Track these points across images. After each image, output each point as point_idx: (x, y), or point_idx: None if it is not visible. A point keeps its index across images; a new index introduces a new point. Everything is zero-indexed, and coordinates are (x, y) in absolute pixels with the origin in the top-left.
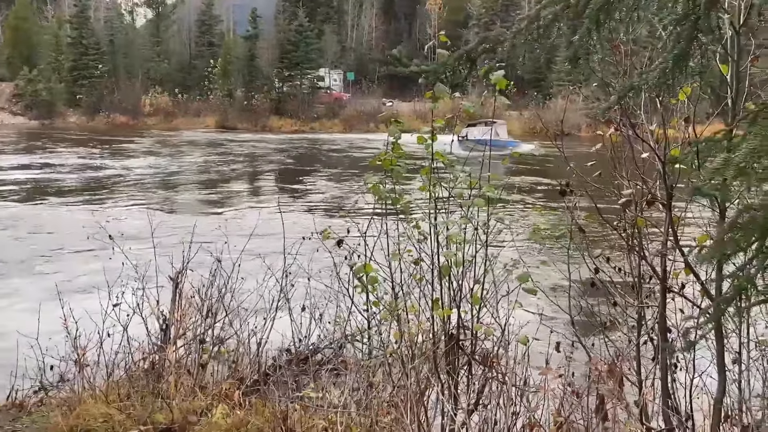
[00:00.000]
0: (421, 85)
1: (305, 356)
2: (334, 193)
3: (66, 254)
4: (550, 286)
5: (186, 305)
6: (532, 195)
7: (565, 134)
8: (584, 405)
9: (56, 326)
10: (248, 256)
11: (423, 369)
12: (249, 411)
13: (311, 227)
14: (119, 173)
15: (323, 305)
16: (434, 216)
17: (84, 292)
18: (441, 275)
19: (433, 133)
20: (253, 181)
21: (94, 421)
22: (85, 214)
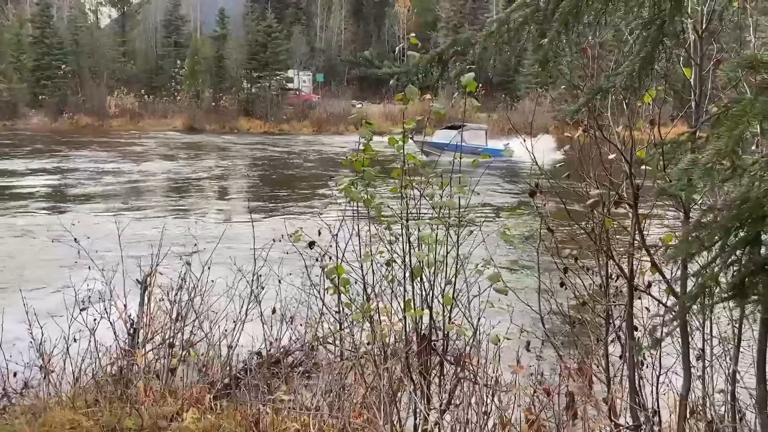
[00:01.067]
0: (392, 87)
1: (276, 359)
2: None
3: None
4: (521, 286)
5: (155, 308)
6: (503, 196)
7: (533, 136)
8: (555, 403)
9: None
10: (219, 259)
11: (395, 370)
12: (220, 415)
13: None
14: (140, 178)
15: (294, 307)
16: (406, 217)
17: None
18: (413, 276)
19: (405, 135)
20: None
21: (61, 428)
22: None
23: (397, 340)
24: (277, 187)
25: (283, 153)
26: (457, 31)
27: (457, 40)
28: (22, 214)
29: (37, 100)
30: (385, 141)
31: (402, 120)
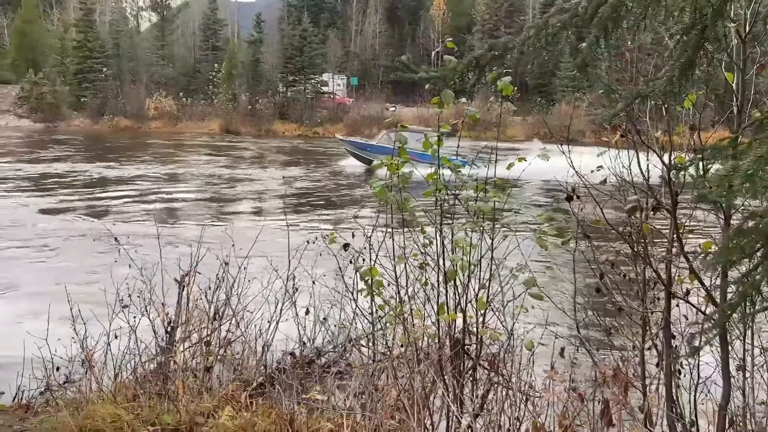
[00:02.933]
0: (427, 90)
1: (310, 359)
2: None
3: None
4: (556, 291)
5: (192, 308)
6: (540, 200)
7: (569, 140)
8: (589, 410)
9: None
10: (255, 260)
11: (428, 373)
12: (255, 413)
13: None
14: (265, 188)
15: (327, 309)
16: (440, 220)
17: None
18: (446, 279)
19: (440, 138)
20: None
21: (103, 421)
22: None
23: (430, 344)
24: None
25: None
26: (493, 35)
27: (495, 45)
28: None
29: (78, 103)
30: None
31: (437, 123)
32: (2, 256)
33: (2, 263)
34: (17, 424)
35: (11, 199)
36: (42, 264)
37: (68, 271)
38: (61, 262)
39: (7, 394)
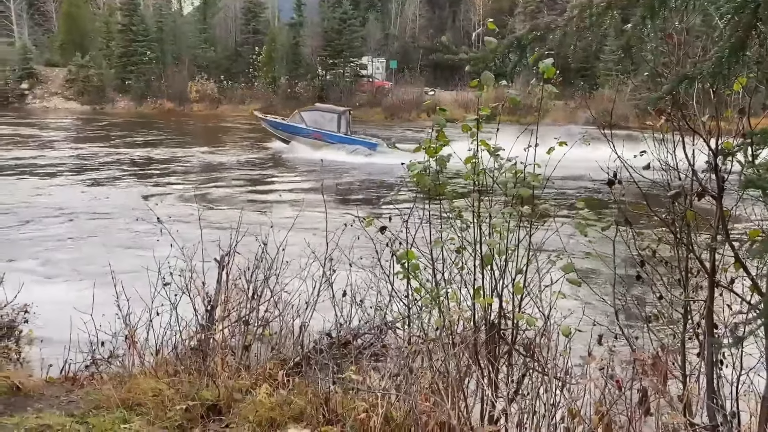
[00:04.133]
0: (467, 73)
1: (346, 341)
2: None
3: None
4: (595, 277)
5: (231, 287)
6: (579, 185)
7: (612, 125)
8: (626, 398)
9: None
10: (293, 241)
11: (463, 356)
12: (292, 391)
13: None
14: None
15: (364, 291)
16: (477, 205)
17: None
18: (483, 264)
19: (479, 122)
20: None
21: (145, 395)
22: None
23: (466, 328)
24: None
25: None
26: (535, 17)
27: (537, 25)
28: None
29: (123, 86)
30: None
31: (477, 107)
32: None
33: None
34: (64, 395)
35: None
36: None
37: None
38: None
39: (55, 367)
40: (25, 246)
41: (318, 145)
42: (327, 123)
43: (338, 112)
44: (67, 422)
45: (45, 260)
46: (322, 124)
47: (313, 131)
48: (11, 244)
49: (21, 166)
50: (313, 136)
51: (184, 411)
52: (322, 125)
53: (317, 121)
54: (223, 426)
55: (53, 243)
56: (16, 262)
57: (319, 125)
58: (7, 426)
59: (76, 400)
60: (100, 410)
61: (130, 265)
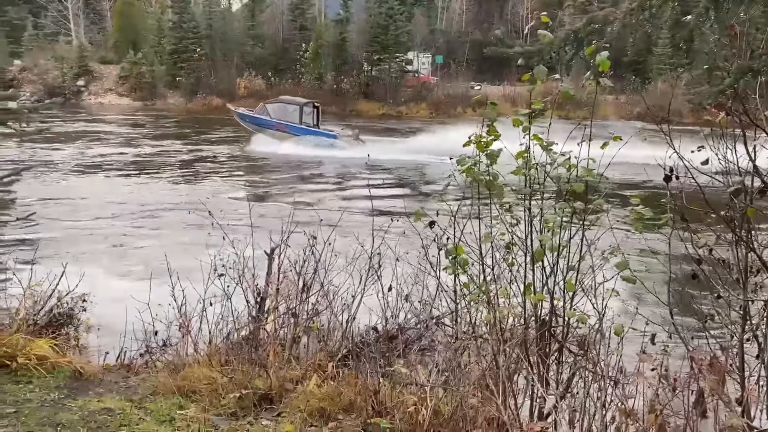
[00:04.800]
0: (515, 67)
1: (392, 335)
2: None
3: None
4: (649, 275)
5: (281, 279)
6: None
7: (666, 120)
8: (683, 398)
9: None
10: (342, 237)
11: (513, 353)
12: (341, 383)
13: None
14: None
15: (410, 286)
16: (529, 199)
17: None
18: (534, 260)
19: (531, 115)
20: None
21: (199, 382)
22: None
23: (515, 324)
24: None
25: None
26: (585, 10)
27: (594, 18)
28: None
29: (174, 82)
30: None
31: (529, 101)
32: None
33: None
34: (122, 381)
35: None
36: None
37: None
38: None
39: (111, 354)
40: (97, 240)
41: (282, 137)
42: (290, 115)
43: (300, 104)
44: (127, 406)
45: (113, 253)
46: (286, 115)
47: (276, 123)
48: (87, 237)
49: (107, 163)
50: (277, 127)
51: (237, 399)
52: (286, 117)
53: (281, 113)
54: (274, 415)
55: (123, 237)
56: (86, 255)
57: (282, 117)
58: (72, 408)
59: (133, 386)
60: (156, 396)
61: (191, 257)
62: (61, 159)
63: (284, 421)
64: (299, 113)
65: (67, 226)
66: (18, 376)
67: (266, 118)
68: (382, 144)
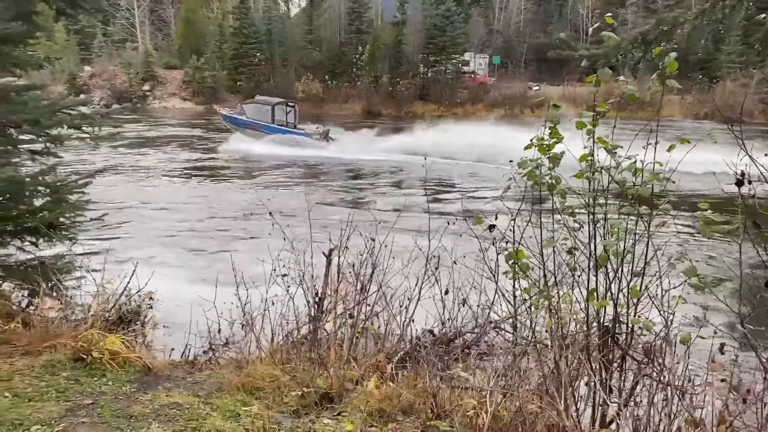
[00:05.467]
0: (575, 68)
1: (450, 338)
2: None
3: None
4: (718, 283)
5: (339, 280)
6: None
7: (736, 120)
8: (756, 410)
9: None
10: (398, 239)
11: (575, 359)
12: (400, 384)
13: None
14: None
15: (468, 289)
16: (592, 203)
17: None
18: (597, 265)
19: (596, 117)
20: None
21: (262, 380)
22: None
23: (576, 330)
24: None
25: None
26: (649, 8)
27: (663, 19)
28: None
29: (234, 86)
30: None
31: (589, 101)
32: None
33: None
34: (188, 376)
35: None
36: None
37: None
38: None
39: (176, 351)
40: (170, 241)
41: (256, 135)
42: (263, 114)
43: (271, 104)
44: (194, 402)
45: (182, 254)
46: (260, 115)
47: (251, 122)
48: (160, 239)
49: (197, 168)
50: (251, 126)
51: (299, 397)
52: (260, 117)
53: (256, 112)
54: (335, 414)
55: (195, 240)
56: (156, 255)
57: (256, 117)
58: (144, 401)
59: (199, 381)
60: (221, 392)
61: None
62: (133, 162)
63: (345, 420)
64: (271, 113)
65: (142, 227)
66: (93, 369)
67: (242, 117)
68: (357, 143)
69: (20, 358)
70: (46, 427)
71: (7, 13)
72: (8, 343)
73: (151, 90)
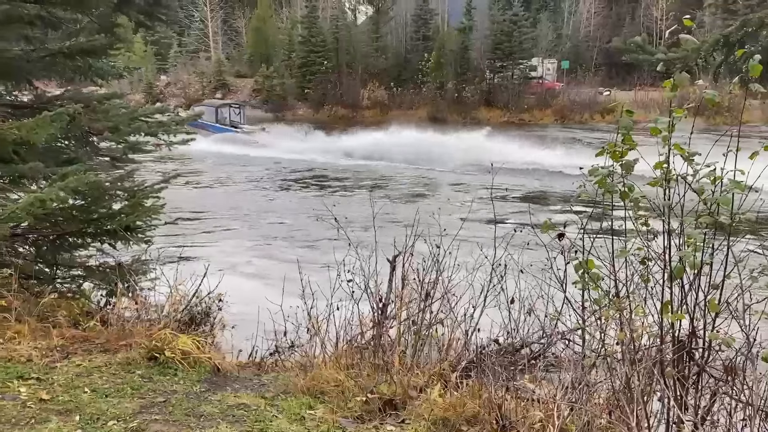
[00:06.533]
0: (647, 72)
1: (515, 348)
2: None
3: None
4: None
5: (403, 286)
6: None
7: None
8: None
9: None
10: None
11: (648, 374)
12: (464, 393)
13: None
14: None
15: (534, 298)
16: (668, 213)
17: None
18: (672, 277)
19: (671, 124)
20: None
21: (327, 384)
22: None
23: (649, 344)
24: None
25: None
26: (729, 9)
27: (748, 21)
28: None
29: (302, 94)
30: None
31: (663, 106)
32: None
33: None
34: (255, 378)
35: None
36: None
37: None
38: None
39: (243, 352)
40: (246, 246)
41: (206, 135)
42: (210, 115)
43: (215, 105)
44: (261, 403)
45: (258, 258)
46: (209, 116)
47: (202, 123)
48: (236, 242)
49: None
50: (202, 126)
51: (363, 402)
52: (208, 117)
53: (207, 113)
54: (399, 421)
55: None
56: (230, 258)
57: (206, 118)
58: (213, 401)
59: (266, 383)
60: (287, 395)
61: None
62: (208, 169)
63: (408, 428)
64: (215, 113)
65: (216, 228)
66: (165, 368)
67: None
68: (288, 143)
69: (99, 354)
70: (122, 422)
71: (91, 26)
72: (88, 340)
73: (223, 98)
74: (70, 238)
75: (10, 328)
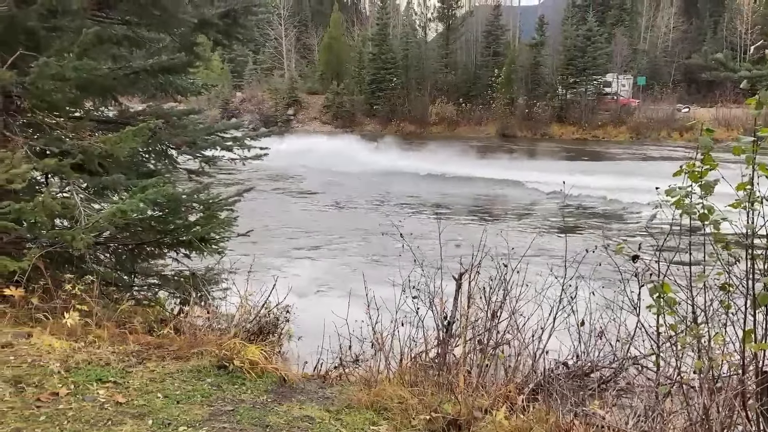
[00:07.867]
0: (728, 89)
1: (585, 372)
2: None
3: None
4: None
5: (469, 305)
6: None
7: None
8: None
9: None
10: (531, 265)
11: (727, 405)
12: (530, 417)
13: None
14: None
15: (605, 322)
16: (751, 236)
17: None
18: (756, 304)
19: (756, 143)
20: None
21: (390, 400)
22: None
23: (730, 374)
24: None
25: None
26: None
27: None
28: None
29: (371, 110)
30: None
31: (746, 125)
32: None
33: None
34: (320, 390)
35: None
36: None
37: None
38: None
39: (308, 364)
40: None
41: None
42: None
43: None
44: (325, 416)
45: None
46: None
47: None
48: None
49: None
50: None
51: (427, 421)
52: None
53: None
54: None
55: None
56: (299, 274)
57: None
58: (279, 412)
59: (330, 396)
60: (351, 409)
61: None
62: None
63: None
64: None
65: (288, 243)
66: (234, 377)
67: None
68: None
69: (171, 361)
70: (192, 429)
71: (173, 45)
72: (162, 347)
73: (295, 114)
74: (147, 248)
75: (91, 332)
